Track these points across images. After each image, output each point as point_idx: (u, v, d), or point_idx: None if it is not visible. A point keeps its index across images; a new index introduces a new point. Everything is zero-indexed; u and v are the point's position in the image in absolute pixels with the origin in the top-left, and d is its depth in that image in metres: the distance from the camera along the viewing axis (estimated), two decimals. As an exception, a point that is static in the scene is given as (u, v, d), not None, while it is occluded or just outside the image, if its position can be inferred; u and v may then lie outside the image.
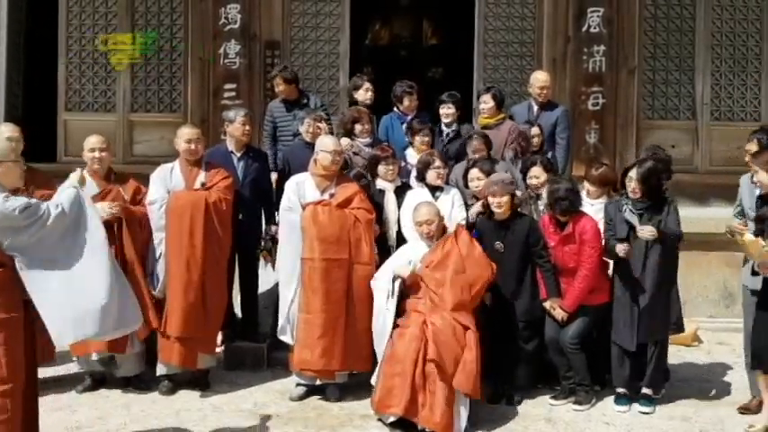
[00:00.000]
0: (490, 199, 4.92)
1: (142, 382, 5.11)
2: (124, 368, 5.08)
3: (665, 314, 4.81)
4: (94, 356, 4.98)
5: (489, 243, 4.93)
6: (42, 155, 7.59)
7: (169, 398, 4.97)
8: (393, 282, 4.71)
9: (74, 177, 4.00)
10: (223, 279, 5.23)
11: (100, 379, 5.13)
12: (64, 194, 3.86)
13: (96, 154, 5.07)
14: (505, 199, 4.89)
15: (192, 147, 5.22)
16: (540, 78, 6.52)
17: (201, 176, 5.19)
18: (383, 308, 4.70)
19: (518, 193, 5.46)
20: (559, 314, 4.83)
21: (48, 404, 4.80)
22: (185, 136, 5.26)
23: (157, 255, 5.04)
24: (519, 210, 5.07)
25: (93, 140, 5.13)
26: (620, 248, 4.72)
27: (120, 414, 4.69)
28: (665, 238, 4.69)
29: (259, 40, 7.91)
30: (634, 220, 4.74)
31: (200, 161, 5.27)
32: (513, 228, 4.94)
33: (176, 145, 5.31)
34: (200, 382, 5.11)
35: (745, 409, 4.74)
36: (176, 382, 5.09)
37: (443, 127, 6.24)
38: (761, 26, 8.10)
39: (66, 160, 7.84)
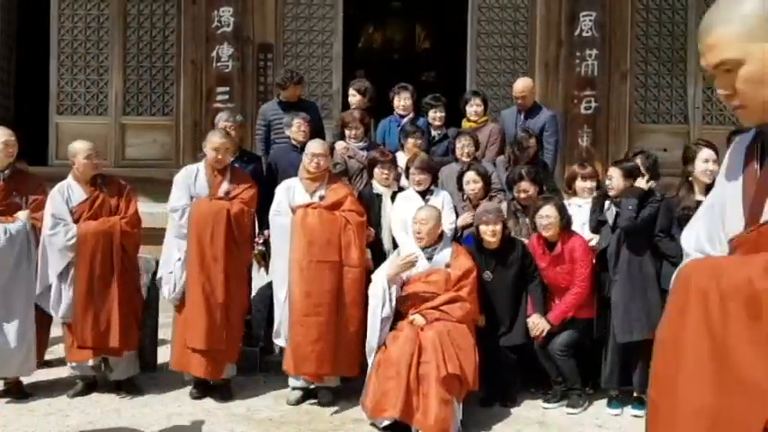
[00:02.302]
0: (482, 227, 4.85)
1: (134, 386, 5.09)
2: (118, 371, 5.06)
3: (643, 314, 4.64)
4: (90, 362, 4.97)
5: (478, 272, 4.85)
6: (34, 158, 7.57)
7: (161, 402, 4.94)
8: (389, 287, 4.63)
9: (22, 216, 4.74)
10: (243, 289, 5.16)
11: (91, 383, 5.10)
12: (13, 224, 4.59)
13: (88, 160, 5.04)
14: (499, 227, 4.85)
15: (220, 156, 5.04)
16: (516, 87, 6.40)
17: (225, 185, 5.06)
18: (377, 317, 4.66)
19: (500, 197, 5.47)
20: (541, 329, 4.83)
21: (40, 409, 4.79)
22: (213, 144, 5.07)
23: (176, 259, 4.97)
24: (511, 236, 5.03)
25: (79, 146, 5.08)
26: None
27: (111, 419, 4.67)
28: (628, 234, 4.67)
29: (252, 43, 7.91)
30: (609, 216, 4.78)
31: (225, 168, 5.13)
32: (504, 256, 4.89)
33: (204, 149, 5.16)
34: (223, 391, 5.03)
35: None
36: (202, 388, 5.05)
37: (432, 130, 6.25)
38: (752, 30, 8.14)
39: (58, 163, 7.83)
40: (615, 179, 4.80)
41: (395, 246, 5.24)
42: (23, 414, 4.71)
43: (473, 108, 6.25)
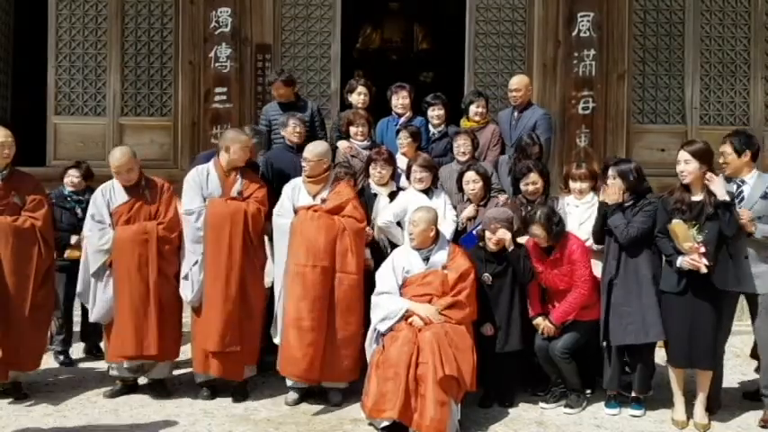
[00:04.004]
0: (488, 234, 4.84)
1: (164, 388, 5.07)
2: (153, 373, 5.06)
3: (638, 317, 4.64)
4: (125, 364, 4.99)
5: (479, 273, 4.83)
6: (31, 158, 7.57)
7: (159, 403, 4.94)
8: (401, 312, 4.59)
9: None
10: (261, 288, 5.11)
11: (132, 385, 5.11)
12: None
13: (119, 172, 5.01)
14: (508, 237, 4.85)
15: (246, 155, 5.07)
16: (512, 82, 6.38)
17: (238, 184, 5.04)
18: (376, 326, 4.65)
19: (502, 197, 5.46)
20: (547, 327, 4.82)
21: (38, 410, 4.79)
22: (244, 143, 5.04)
23: (193, 262, 4.93)
24: (515, 240, 4.99)
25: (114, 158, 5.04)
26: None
27: (109, 419, 4.67)
28: (623, 236, 4.65)
29: (250, 43, 7.92)
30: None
31: (236, 168, 5.10)
32: (504, 260, 4.88)
33: (226, 149, 5.04)
34: (239, 391, 5.03)
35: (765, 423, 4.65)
36: (215, 388, 5.06)
37: (431, 128, 6.26)
38: (749, 31, 8.17)
39: (56, 164, 7.81)
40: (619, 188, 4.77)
41: (391, 245, 5.23)
42: (22, 415, 4.71)
43: (478, 109, 6.23)
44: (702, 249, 4.35)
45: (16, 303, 4.80)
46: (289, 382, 4.99)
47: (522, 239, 5.06)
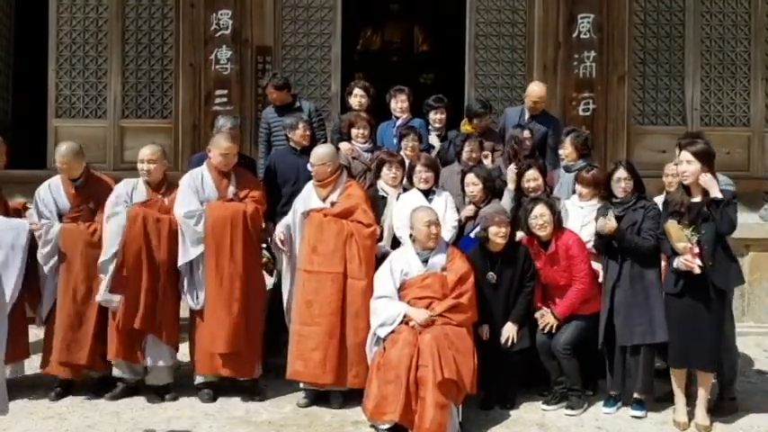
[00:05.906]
0: (494, 229, 4.83)
1: (169, 392, 5.08)
2: (153, 376, 5.05)
3: (644, 318, 4.66)
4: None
5: (482, 273, 4.85)
6: (32, 161, 7.58)
7: (161, 405, 4.94)
8: (400, 318, 4.57)
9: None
10: (262, 286, 5.19)
11: (133, 387, 5.10)
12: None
13: (144, 166, 5.06)
14: (508, 230, 4.86)
15: (227, 161, 5.06)
16: (535, 91, 6.36)
17: (232, 187, 5.07)
18: (375, 331, 4.64)
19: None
20: (549, 320, 4.83)
21: (39, 412, 4.79)
22: (222, 149, 5.04)
23: (190, 265, 4.94)
24: (515, 239, 5.01)
25: (143, 152, 5.10)
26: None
27: (110, 422, 4.67)
28: (621, 238, 4.67)
29: (250, 45, 7.91)
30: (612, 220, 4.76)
31: (230, 170, 5.13)
32: (507, 258, 4.90)
33: (210, 153, 5.11)
34: (253, 390, 5.06)
35: None
36: (216, 390, 5.08)
37: (431, 131, 6.26)
38: (749, 32, 8.17)
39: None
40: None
41: (393, 247, 5.22)
42: (22, 417, 4.71)
43: (481, 123, 6.26)
44: (696, 250, 4.34)
45: (93, 306, 4.95)
46: (301, 384, 4.98)
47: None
